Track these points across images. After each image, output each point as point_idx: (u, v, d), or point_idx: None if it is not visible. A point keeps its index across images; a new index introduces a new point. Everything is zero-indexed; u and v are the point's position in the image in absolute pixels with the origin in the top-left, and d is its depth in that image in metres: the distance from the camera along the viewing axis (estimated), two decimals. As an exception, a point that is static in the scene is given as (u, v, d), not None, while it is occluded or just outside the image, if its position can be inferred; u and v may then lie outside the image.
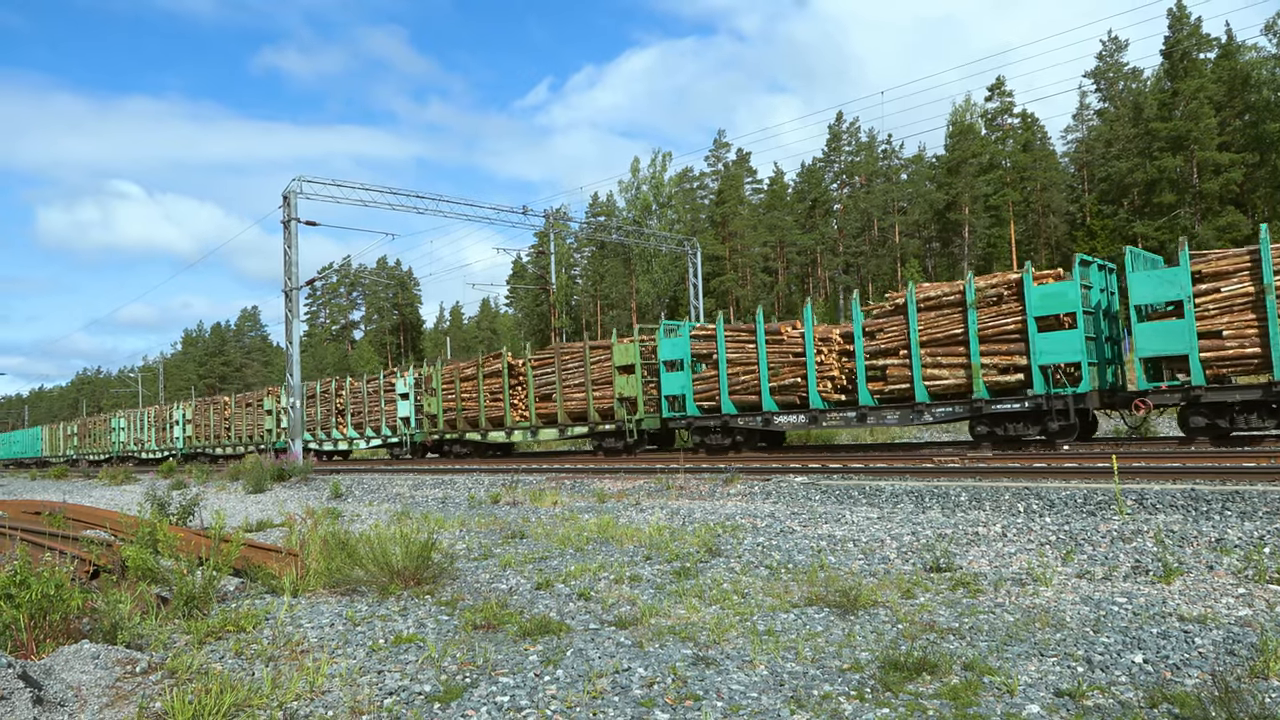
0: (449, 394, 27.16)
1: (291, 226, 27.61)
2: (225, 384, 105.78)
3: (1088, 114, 69.96)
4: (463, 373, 26.85)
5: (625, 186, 68.22)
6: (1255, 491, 8.03)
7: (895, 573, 6.77)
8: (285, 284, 27.84)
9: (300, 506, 14.67)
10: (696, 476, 14.02)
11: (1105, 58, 66.42)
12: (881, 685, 4.13)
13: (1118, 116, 61.49)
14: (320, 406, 33.77)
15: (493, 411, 25.48)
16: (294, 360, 27.78)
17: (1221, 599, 5.44)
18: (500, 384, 25.30)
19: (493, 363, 25.87)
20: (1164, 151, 52.11)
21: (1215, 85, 52.35)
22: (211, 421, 39.19)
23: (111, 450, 49.16)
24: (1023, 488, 9.60)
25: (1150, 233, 50.69)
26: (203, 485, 23.20)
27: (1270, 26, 51.62)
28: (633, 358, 21.30)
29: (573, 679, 4.42)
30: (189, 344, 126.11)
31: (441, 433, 27.26)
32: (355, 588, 6.79)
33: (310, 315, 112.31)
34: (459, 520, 11.52)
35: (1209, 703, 3.50)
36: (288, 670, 4.74)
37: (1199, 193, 51.06)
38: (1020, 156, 62.41)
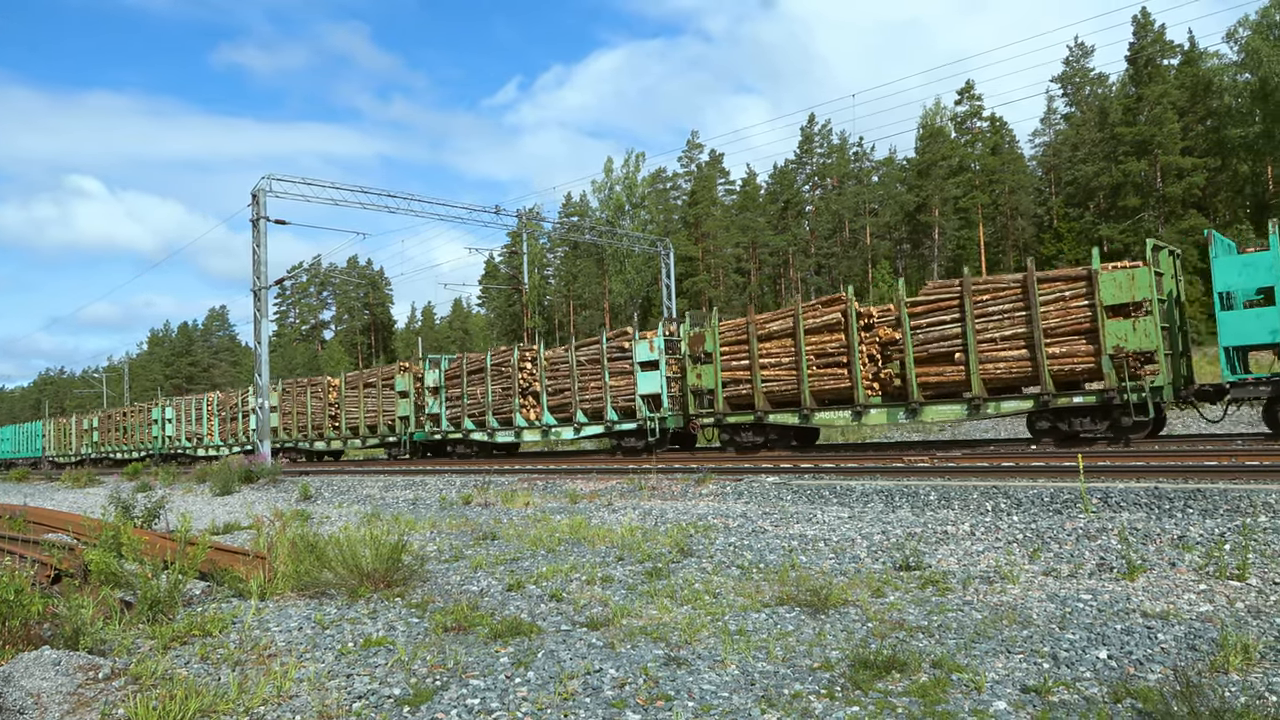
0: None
1: (260, 225, 27.28)
2: (192, 384, 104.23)
3: (1055, 118, 70.96)
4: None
5: (598, 187, 68.13)
6: (1216, 490, 8.19)
7: (866, 572, 6.82)
8: (254, 283, 27.51)
9: (269, 509, 14.49)
10: (669, 477, 14.03)
11: (1072, 63, 67.42)
12: (851, 684, 4.16)
13: (1084, 121, 62.45)
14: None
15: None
16: (262, 360, 27.46)
17: (1183, 595, 5.53)
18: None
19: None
20: (1129, 156, 52.96)
21: (1178, 91, 53.31)
22: (309, 408, 32.31)
23: (152, 447, 41.13)
24: (991, 486, 9.71)
25: (1115, 235, 51.50)
26: (169, 487, 22.85)
27: (1231, 35, 52.63)
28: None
29: (544, 680, 4.41)
30: (155, 344, 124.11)
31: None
32: (324, 590, 6.72)
33: (279, 315, 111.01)
34: (430, 522, 11.44)
35: (1171, 697, 3.56)
36: (254, 675, 4.67)
37: (1163, 196, 51.96)
38: (989, 160, 63.15)
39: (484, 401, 24.65)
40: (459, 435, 25.56)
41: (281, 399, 33.26)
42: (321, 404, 31.36)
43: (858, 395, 16.74)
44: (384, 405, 28.47)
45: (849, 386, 16.93)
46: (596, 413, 21.70)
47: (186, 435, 38.97)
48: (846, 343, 16.99)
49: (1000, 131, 65.92)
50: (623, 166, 66.88)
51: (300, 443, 32.57)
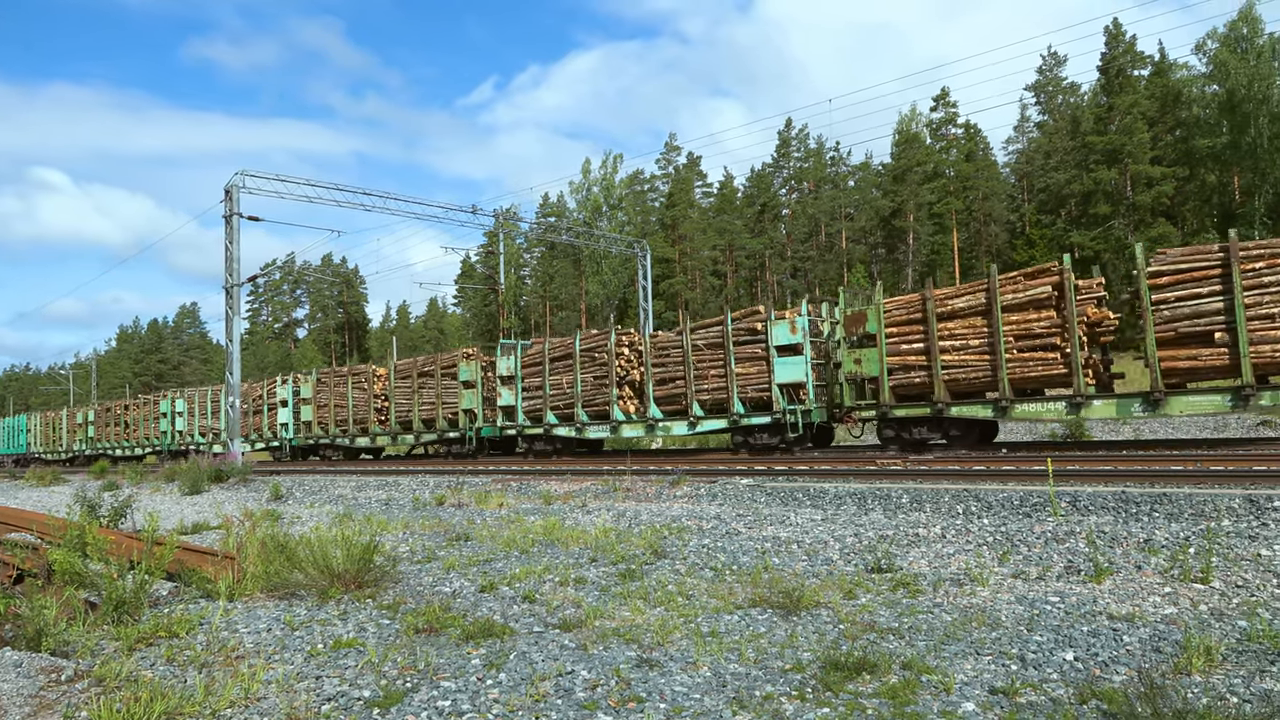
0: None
1: (233, 221, 26.97)
2: (162, 382, 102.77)
3: (1028, 126, 71.85)
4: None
5: (576, 188, 68.13)
6: (1182, 494, 8.32)
7: (838, 574, 6.86)
8: (226, 280, 27.19)
9: (238, 508, 14.31)
10: (644, 478, 14.03)
11: (1045, 72, 68.29)
12: (822, 685, 4.18)
13: (1056, 129, 63.27)
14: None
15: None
16: (234, 358, 27.15)
17: (1149, 598, 5.62)
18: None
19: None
20: (1100, 164, 53.73)
21: (1148, 101, 54.17)
22: (351, 400, 29.13)
23: (160, 443, 38.20)
24: (962, 490, 9.80)
25: (1086, 242, 52.19)
26: (136, 486, 22.51)
27: (1200, 47, 53.56)
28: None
29: (515, 682, 4.39)
30: (124, 341, 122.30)
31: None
32: (294, 591, 6.65)
33: (252, 313, 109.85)
34: (403, 522, 11.36)
35: (1135, 699, 3.61)
36: (222, 677, 4.62)
37: (1132, 204, 52.75)
38: (963, 166, 63.82)
39: (571, 392, 21.94)
40: (538, 430, 22.93)
41: (316, 390, 30.41)
42: (365, 396, 28.50)
43: (1077, 384, 14.21)
44: (444, 397, 25.59)
45: (1063, 373, 14.52)
46: (718, 405, 19.08)
47: (200, 430, 35.92)
48: (1060, 321, 14.47)
49: (974, 138, 66.66)
50: (600, 168, 66.94)
51: (339, 439, 29.54)
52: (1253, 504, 7.62)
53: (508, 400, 23.62)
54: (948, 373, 15.83)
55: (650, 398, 20.15)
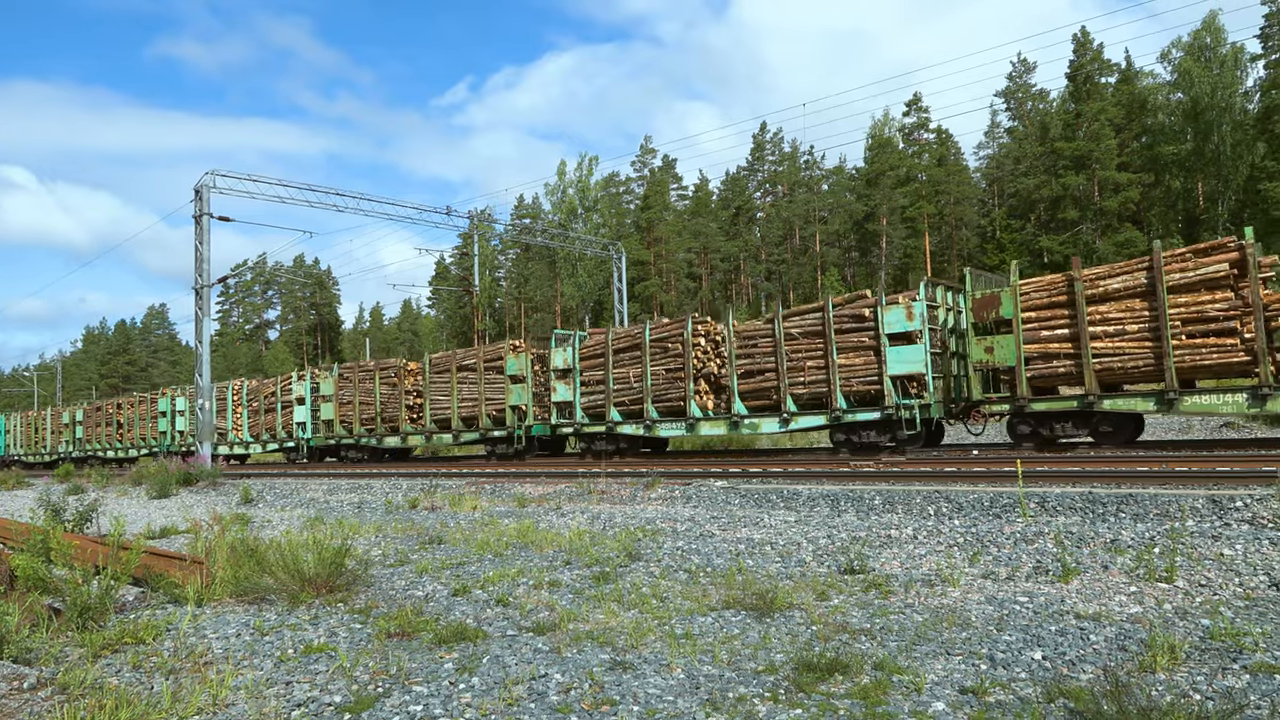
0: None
1: (203, 222, 26.65)
2: (129, 384, 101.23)
3: (998, 132, 72.77)
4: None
5: (551, 190, 68.02)
6: (1147, 495, 8.46)
7: (811, 575, 6.90)
8: (196, 281, 26.85)
9: (208, 512, 14.13)
10: (618, 481, 14.03)
11: (1015, 78, 69.22)
12: (795, 686, 4.20)
13: (1026, 135, 64.16)
14: None
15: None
16: (204, 360, 26.81)
17: (1115, 597, 5.70)
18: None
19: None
20: (1068, 170, 54.56)
21: (1115, 109, 55.10)
22: (378, 397, 26.62)
23: (158, 444, 35.45)
24: (933, 491, 9.90)
25: (1055, 246, 52.96)
26: (102, 490, 22.15)
27: (1165, 55, 54.59)
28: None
29: (488, 686, 4.37)
30: (91, 342, 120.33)
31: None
32: (264, 596, 6.57)
33: (222, 314, 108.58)
34: (375, 526, 11.27)
35: (1101, 697, 3.66)
36: (189, 683, 4.56)
37: (1100, 209, 53.61)
38: (935, 171, 64.52)
39: (639, 386, 19.89)
40: (599, 428, 20.78)
41: (339, 386, 27.90)
42: (395, 391, 26.15)
43: (1263, 372, 12.84)
44: (487, 393, 23.47)
45: (1244, 361, 13.11)
46: (816, 400, 17.32)
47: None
48: (1241, 303, 13.06)
49: (946, 143, 67.41)
50: (576, 170, 66.88)
51: (364, 438, 27.07)
52: (1215, 504, 7.77)
53: (564, 395, 21.47)
54: (1099, 362, 14.29)
55: (735, 392, 18.25)
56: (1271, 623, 4.90)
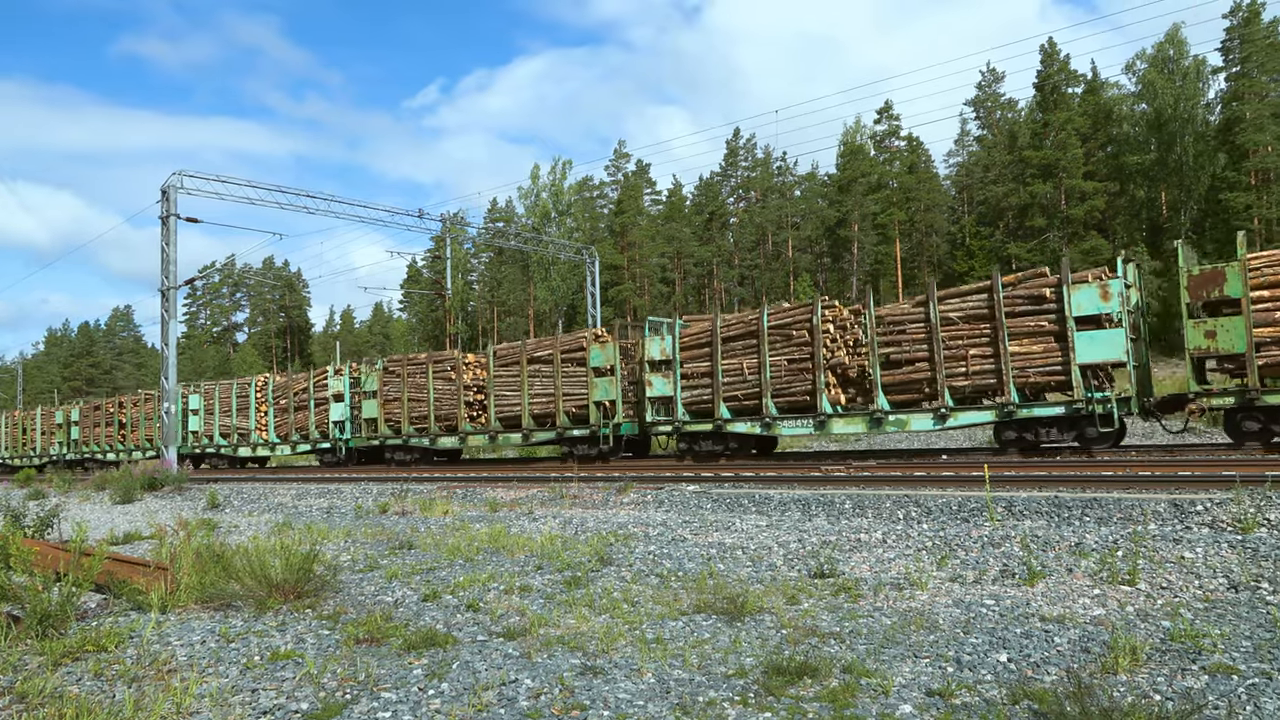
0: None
1: (170, 223, 26.28)
2: (93, 387, 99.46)
3: (968, 140, 73.69)
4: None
5: (525, 193, 67.91)
6: (1111, 499, 8.60)
7: (781, 579, 6.94)
8: (162, 283, 26.47)
9: (173, 517, 13.92)
10: (590, 485, 14.01)
11: (984, 87, 70.12)
12: (764, 690, 4.22)
13: (995, 143, 65.03)
14: None
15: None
16: (170, 363, 26.42)
17: (1079, 600, 5.79)
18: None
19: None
20: (1035, 178, 55.34)
21: (1082, 118, 55.99)
22: (432, 393, 24.08)
23: (175, 446, 30.90)
24: (903, 495, 10.00)
25: (1023, 254, 53.66)
26: (64, 495, 21.75)
27: (1130, 67, 55.63)
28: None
29: (458, 692, 4.35)
30: (53, 344, 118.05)
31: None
32: (230, 603, 6.49)
33: (189, 316, 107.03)
34: (344, 531, 11.16)
35: (1064, 698, 3.72)
36: (152, 691, 4.48)
37: (1066, 218, 54.42)
38: (906, 178, 65.16)
39: (755, 379, 17.71)
40: (704, 426, 18.52)
41: (384, 380, 25.35)
42: (452, 387, 23.68)
43: None
44: (565, 388, 21.08)
45: None
46: (979, 393, 15.48)
47: (222, 430, 30.99)
48: None
49: (917, 151, 68.13)
50: (549, 173, 66.83)
51: (414, 438, 24.57)
52: (1177, 508, 7.92)
53: (661, 390, 19.22)
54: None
55: (877, 384, 16.22)
56: (1230, 624, 5.01)
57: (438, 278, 77.40)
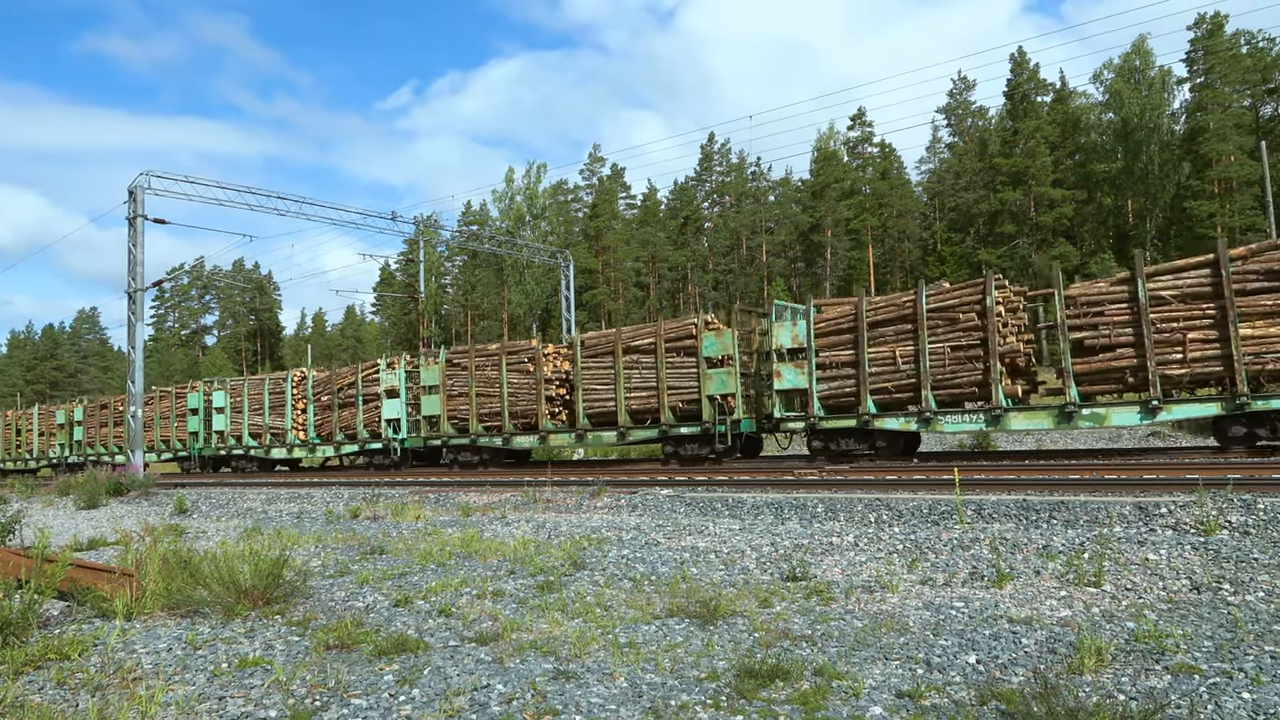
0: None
1: (138, 224, 25.90)
2: (57, 390, 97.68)
3: (939, 147, 74.54)
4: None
5: (499, 196, 67.70)
6: (1078, 502, 8.73)
7: (754, 583, 6.96)
8: (129, 285, 26.07)
9: (139, 523, 13.70)
10: (564, 489, 13.98)
11: (955, 95, 70.98)
12: (736, 693, 4.24)
13: (966, 151, 65.84)
14: None
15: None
16: (136, 366, 26.01)
17: (1046, 601, 5.87)
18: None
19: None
20: (1005, 185, 56.09)
21: (1050, 127, 56.86)
22: (505, 387, 21.80)
23: (193, 447, 30.24)
24: (875, 499, 10.07)
25: (993, 260, 54.36)
26: (26, 500, 21.34)
27: (1097, 76, 56.56)
28: None
29: (429, 698, 4.32)
30: (16, 346, 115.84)
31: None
32: (198, 609, 6.40)
33: (157, 319, 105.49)
34: (315, 536, 11.05)
35: (1031, 698, 3.77)
36: (117, 700, 4.42)
37: (1035, 224, 55.19)
38: (878, 184, 65.79)
39: (910, 369, 15.82)
40: (846, 422, 16.53)
41: (447, 374, 23.00)
42: (529, 380, 21.41)
43: None
44: (670, 380, 18.91)
45: None
46: (1200, 381, 13.78)
47: (252, 429, 28.41)
48: None
49: (889, 157, 68.81)
50: (524, 177, 66.71)
51: (483, 438, 22.15)
52: (1142, 511, 8.05)
53: (793, 381, 17.12)
54: None
55: (1069, 373, 14.44)
56: (1192, 625, 5.10)
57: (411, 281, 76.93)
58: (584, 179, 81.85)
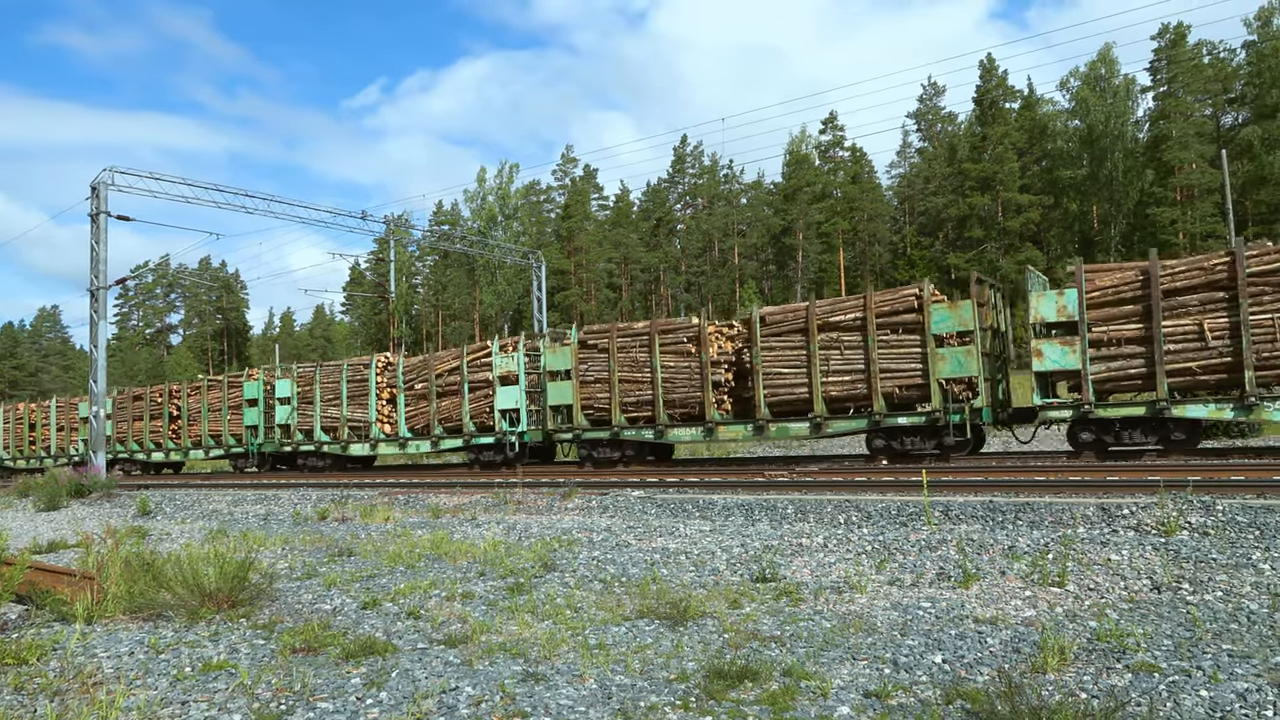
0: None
1: (101, 220, 25.44)
2: (17, 390, 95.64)
3: (910, 152, 75.31)
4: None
5: (470, 196, 67.39)
6: (1043, 503, 8.86)
7: (724, 584, 6.99)
8: (92, 282, 25.60)
9: (101, 525, 13.45)
10: (535, 491, 13.94)
11: (925, 101, 71.78)
12: (705, 694, 4.25)
13: (935, 156, 66.59)
14: None
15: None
16: (99, 365, 25.55)
17: (1011, 601, 5.95)
18: None
19: None
20: (974, 190, 56.82)
21: (1018, 133, 57.70)
22: (658, 372, 18.80)
23: (252, 443, 26.86)
24: (844, 500, 10.15)
25: (962, 264, 55.01)
26: (-16, 502, 20.87)
27: (1064, 84, 57.45)
28: None
29: (397, 701, 4.29)
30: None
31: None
32: (161, 613, 6.30)
33: (121, 317, 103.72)
34: (282, 538, 10.92)
35: (996, 697, 3.82)
36: (76, 705, 4.33)
37: (1003, 229, 55.96)
38: (849, 188, 66.34)
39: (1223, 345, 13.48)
40: (1133, 412, 14.23)
41: (581, 357, 19.98)
42: (691, 364, 18.39)
43: None
44: (884, 362, 16.12)
45: None
46: None
47: (325, 423, 25.16)
48: None
49: (860, 161, 69.40)
50: (496, 177, 66.41)
51: (626, 431, 19.19)
52: (1105, 512, 8.19)
53: (1059, 361, 14.70)
54: None
55: None
56: (1152, 624, 5.19)
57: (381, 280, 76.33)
58: (556, 179, 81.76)
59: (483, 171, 67.31)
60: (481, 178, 66.72)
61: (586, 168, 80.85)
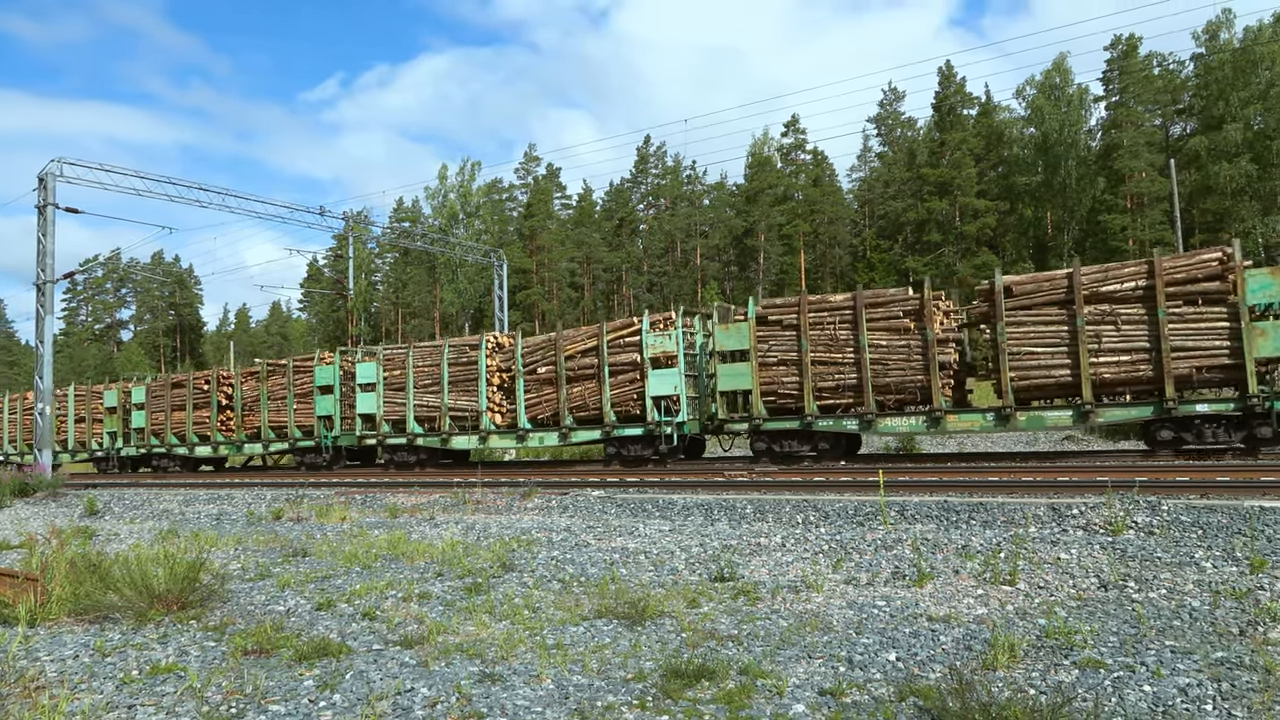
0: None
1: (48, 212, 24.79)
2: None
3: (870, 156, 76.17)
4: None
5: (431, 193, 66.72)
6: (996, 503, 9.01)
7: (683, 583, 7.01)
8: (38, 276, 24.93)
9: (45, 525, 13.10)
10: (494, 490, 13.86)
11: (886, 105, 72.63)
12: (663, 693, 4.26)
13: (895, 160, 67.44)
14: None
15: None
16: (45, 361, 24.88)
17: (964, 600, 6.05)
18: None
19: None
20: (932, 195, 57.63)
21: (975, 139, 58.62)
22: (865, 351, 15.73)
23: (327, 435, 23.04)
24: (802, 500, 10.24)
25: (920, 268, 55.75)
26: (-77, 502, 20.20)
27: (1020, 92, 58.50)
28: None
29: (351, 703, 4.24)
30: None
31: None
32: (108, 615, 6.16)
33: (69, 312, 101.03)
34: (235, 538, 10.73)
35: (947, 694, 3.88)
36: (17, 710, 4.21)
37: (960, 234, 56.84)
38: (810, 190, 66.90)
39: None
40: None
41: (759, 335, 16.76)
42: (909, 342, 15.58)
43: None
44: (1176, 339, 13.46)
45: None
46: None
47: (420, 412, 21.46)
48: None
49: (822, 165, 70.04)
50: (457, 174, 65.89)
51: (819, 420, 16.10)
52: (1055, 512, 8.36)
53: None
54: None
55: None
56: (1099, 621, 5.32)
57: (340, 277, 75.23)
58: (519, 178, 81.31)
59: (444, 169, 66.68)
60: (443, 175, 66.13)
61: (550, 166, 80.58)
